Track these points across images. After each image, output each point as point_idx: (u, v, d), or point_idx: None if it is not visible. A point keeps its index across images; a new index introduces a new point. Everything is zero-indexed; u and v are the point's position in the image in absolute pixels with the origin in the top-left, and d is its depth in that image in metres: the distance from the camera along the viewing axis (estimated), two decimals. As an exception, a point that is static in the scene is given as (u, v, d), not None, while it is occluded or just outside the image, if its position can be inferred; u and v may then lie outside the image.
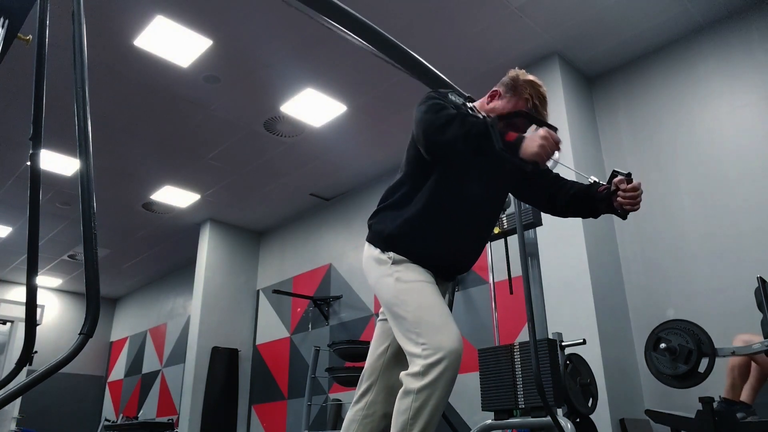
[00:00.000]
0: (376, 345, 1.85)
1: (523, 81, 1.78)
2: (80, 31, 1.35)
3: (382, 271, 1.71)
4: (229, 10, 4.04)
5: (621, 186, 1.66)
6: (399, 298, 1.63)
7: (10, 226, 7.48)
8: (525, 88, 1.76)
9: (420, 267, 1.70)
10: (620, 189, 1.66)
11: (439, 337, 1.52)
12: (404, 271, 1.67)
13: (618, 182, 1.67)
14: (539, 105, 1.75)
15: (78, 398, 9.83)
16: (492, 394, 2.99)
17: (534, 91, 1.76)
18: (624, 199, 1.66)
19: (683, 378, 2.90)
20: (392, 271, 1.68)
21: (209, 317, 7.11)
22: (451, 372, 1.49)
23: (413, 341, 1.55)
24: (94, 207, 1.19)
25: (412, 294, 1.63)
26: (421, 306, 1.60)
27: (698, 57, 4.23)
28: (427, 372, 1.48)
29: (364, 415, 1.77)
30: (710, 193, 3.93)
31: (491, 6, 3.98)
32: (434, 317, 1.57)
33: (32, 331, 1.52)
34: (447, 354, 1.49)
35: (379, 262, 1.72)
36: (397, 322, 1.64)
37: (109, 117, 5.21)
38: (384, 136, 5.52)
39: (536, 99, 1.75)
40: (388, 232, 1.72)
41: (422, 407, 1.48)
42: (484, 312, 4.82)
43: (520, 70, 1.83)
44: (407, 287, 1.64)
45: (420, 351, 1.52)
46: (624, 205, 1.67)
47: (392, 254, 1.70)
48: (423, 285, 1.65)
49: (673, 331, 2.98)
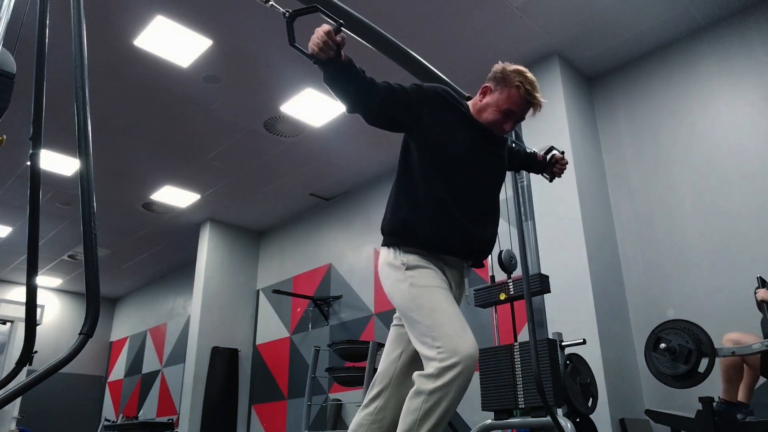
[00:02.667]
0: (390, 350, 1.84)
1: (510, 71, 1.82)
2: (80, 31, 1.35)
3: (396, 276, 1.71)
4: (229, 10, 4.04)
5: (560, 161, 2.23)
6: (414, 302, 1.64)
7: (10, 226, 7.48)
8: (514, 77, 1.80)
9: (434, 272, 1.71)
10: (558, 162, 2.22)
11: (455, 342, 1.52)
12: (418, 276, 1.68)
13: (558, 158, 2.22)
14: (531, 90, 1.79)
15: (78, 398, 9.83)
16: (492, 394, 2.99)
17: (523, 78, 1.79)
18: (558, 170, 2.22)
19: (683, 378, 2.91)
20: (406, 276, 1.69)
21: (209, 317, 7.11)
22: (464, 377, 1.49)
23: (428, 345, 1.56)
24: (94, 207, 1.19)
25: (427, 299, 1.64)
26: (436, 310, 1.61)
27: (698, 57, 4.22)
28: (441, 374, 1.48)
29: (373, 420, 1.75)
30: (710, 192, 3.93)
31: (491, 6, 3.98)
32: (450, 322, 1.58)
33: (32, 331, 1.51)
34: (462, 359, 1.49)
35: (394, 268, 1.73)
36: (412, 326, 1.64)
37: (109, 117, 5.21)
38: (384, 136, 5.46)
39: (527, 85, 1.79)
40: (399, 229, 1.75)
41: (432, 409, 1.48)
42: (484, 312, 4.82)
43: (504, 63, 1.87)
44: (421, 292, 1.65)
45: (435, 354, 1.52)
46: (557, 174, 2.24)
47: (405, 259, 1.71)
48: (437, 290, 1.66)
49: (673, 331, 2.98)
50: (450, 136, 1.78)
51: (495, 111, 1.81)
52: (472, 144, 1.82)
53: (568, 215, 4.07)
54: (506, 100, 1.80)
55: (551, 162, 2.22)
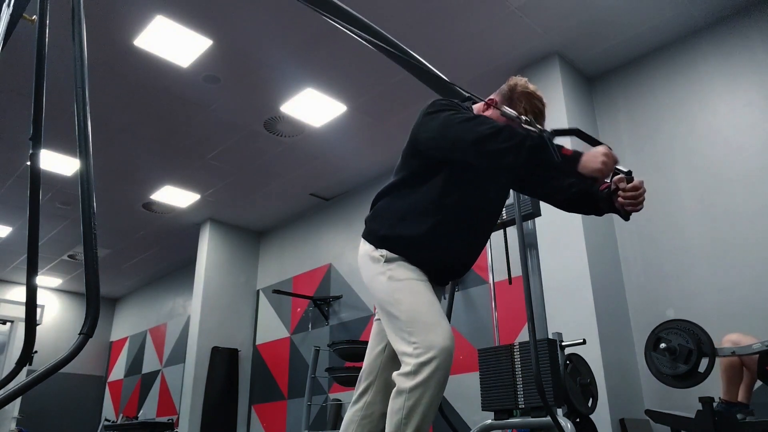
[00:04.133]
0: (373, 344, 1.85)
1: (520, 93, 1.74)
2: (80, 31, 1.35)
3: (375, 269, 1.70)
4: (229, 10, 4.04)
5: (620, 185, 1.59)
6: (392, 296, 1.63)
7: (10, 226, 7.48)
8: (520, 101, 1.72)
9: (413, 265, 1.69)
10: (620, 188, 1.59)
11: (430, 336, 1.51)
12: (396, 269, 1.67)
13: (617, 181, 1.60)
14: (532, 119, 1.68)
15: (78, 398, 9.82)
16: (492, 394, 2.99)
17: (529, 105, 1.72)
18: (624, 200, 1.59)
19: (683, 378, 2.91)
20: (385, 269, 1.68)
21: (209, 317, 7.11)
22: (442, 370, 1.49)
23: (405, 340, 1.55)
24: (94, 207, 1.19)
25: (405, 293, 1.63)
26: (414, 304, 1.60)
27: (698, 57, 4.22)
28: (418, 371, 1.48)
29: (363, 415, 1.77)
30: (710, 193, 3.93)
31: (491, 6, 3.98)
32: (426, 316, 1.57)
33: (32, 331, 1.51)
34: (438, 353, 1.49)
35: (373, 260, 1.71)
36: (389, 320, 1.63)
37: (109, 117, 5.21)
38: (384, 136, 5.52)
39: (530, 114, 1.70)
40: (384, 232, 1.72)
41: (415, 406, 1.48)
42: (484, 312, 4.82)
43: (521, 78, 1.79)
44: (400, 286, 1.64)
45: (411, 350, 1.52)
46: (625, 206, 1.60)
47: (385, 252, 1.69)
48: (416, 283, 1.65)
49: (673, 331, 2.98)
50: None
51: None
52: None
53: (568, 215, 4.05)
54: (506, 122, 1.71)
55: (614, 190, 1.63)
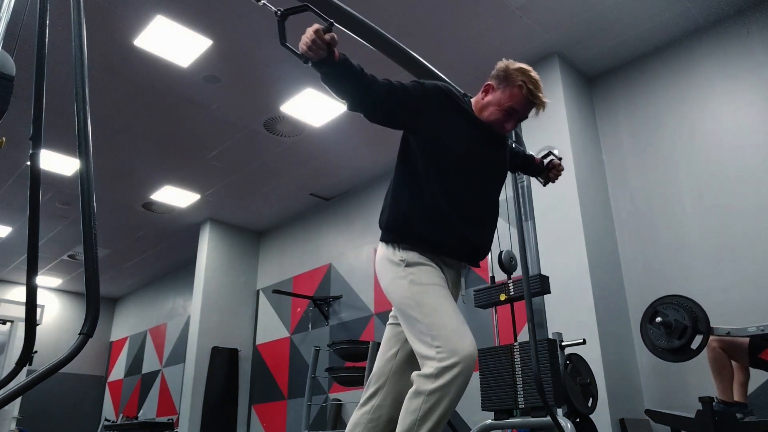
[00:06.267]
0: (385, 348, 1.83)
1: (514, 69, 1.80)
2: (80, 31, 1.35)
3: (396, 273, 1.70)
4: (229, 10, 4.04)
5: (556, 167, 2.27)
6: (413, 299, 1.62)
7: (10, 226, 7.47)
8: (517, 76, 1.78)
9: (434, 269, 1.69)
10: (554, 168, 2.27)
11: (455, 341, 1.51)
12: (418, 274, 1.67)
13: (555, 164, 2.27)
14: (533, 89, 1.77)
15: (78, 398, 9.83)
16: (492, 394, 2.99)
17: (526, 77, 1.77)
18: (553, 175, 2.28)
19: (676, 352, 2.93)
20: (406, 273, 1.67)
21: (209, 317, 7.11)
22: (464, 377, 1.49)
23: (427, 344, 1.54)
24: (94, 207, 1.19)
25: (427, 296, 1.62)
26: (436, 309, 1.59)
27: (698, 57, 4.22)
28: (440, 375, 1.48)
29: (369, 419, 1.75)
30: (710, 192, 3.93)
31: (491, 6, 3.98)
32: (450, 321, 1.56)
33: (32, 331, 1.51)
34: (462, 359, 1.48)
35: (393, 264, 1.71)
36: (410, 324, 1.63)
37: (109, 117, 5.21)
38: (384, 135, 5.49)
39: (530, 84, 1.77)
40: (399, 225, 1.74)
41: (432, 409, 1.48)
42: (484, 312, 4.82)
43: (507, 60, 1.84)
44: (422, 290, 1.64)
45: (434, 353, 1.51)
46: (551, 180, 2.29)
47: (405, 256, 1.70)
48: (437, 288, 1.65)
49: (671, 306, 2.99)
50: (451, 134, 1.77)
51: (497, 110, 1.80)
52: (474, 142, 1.80)
53: (568, 215, 4.07)
54: (508, 99, 1.78)
55: (547, 167, 2.29)
